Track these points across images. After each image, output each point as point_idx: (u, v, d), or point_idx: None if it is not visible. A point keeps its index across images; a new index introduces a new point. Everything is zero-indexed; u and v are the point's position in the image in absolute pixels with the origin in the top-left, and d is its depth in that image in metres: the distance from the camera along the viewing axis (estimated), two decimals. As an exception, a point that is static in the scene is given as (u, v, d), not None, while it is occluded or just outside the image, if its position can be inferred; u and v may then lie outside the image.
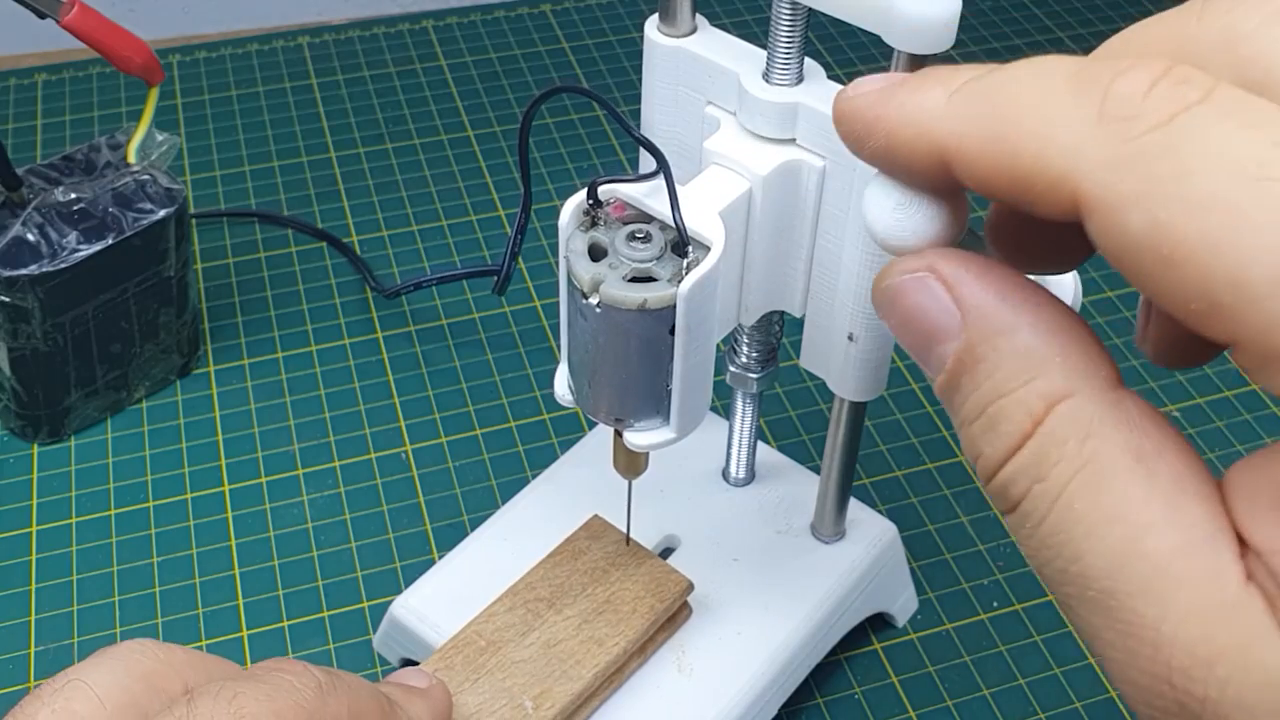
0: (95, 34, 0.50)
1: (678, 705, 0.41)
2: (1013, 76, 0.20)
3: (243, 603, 0.49)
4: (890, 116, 0.22)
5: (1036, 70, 0.20)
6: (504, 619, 0.41)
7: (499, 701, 0.39)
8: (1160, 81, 0.18)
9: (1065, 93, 0.19)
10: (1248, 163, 0.17)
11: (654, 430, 0.36)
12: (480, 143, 0.70)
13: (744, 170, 0.36)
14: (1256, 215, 0.17)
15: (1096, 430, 0.20)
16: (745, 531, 0.46)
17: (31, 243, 0.50)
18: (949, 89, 0.21)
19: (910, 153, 0.22)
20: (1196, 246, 0.17)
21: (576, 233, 0.34)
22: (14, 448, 0.54)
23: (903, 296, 0.22)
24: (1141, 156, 0.18)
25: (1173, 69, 0.18)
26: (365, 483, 0.53)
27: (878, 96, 0.22)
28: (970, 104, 0.21)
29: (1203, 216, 0.17)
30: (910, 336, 0.22)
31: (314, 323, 0.60)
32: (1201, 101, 0.18)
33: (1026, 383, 0.20)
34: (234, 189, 0.67)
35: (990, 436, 0.21)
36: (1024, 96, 0.20)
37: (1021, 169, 0.19)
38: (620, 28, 0.79)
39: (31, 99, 0.72)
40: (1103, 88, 0.19)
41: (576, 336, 0.35)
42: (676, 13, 0.37)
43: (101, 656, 0.29)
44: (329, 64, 0.76)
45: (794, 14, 0.35)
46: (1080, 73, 0.19)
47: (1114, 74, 0.19)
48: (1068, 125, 0.19)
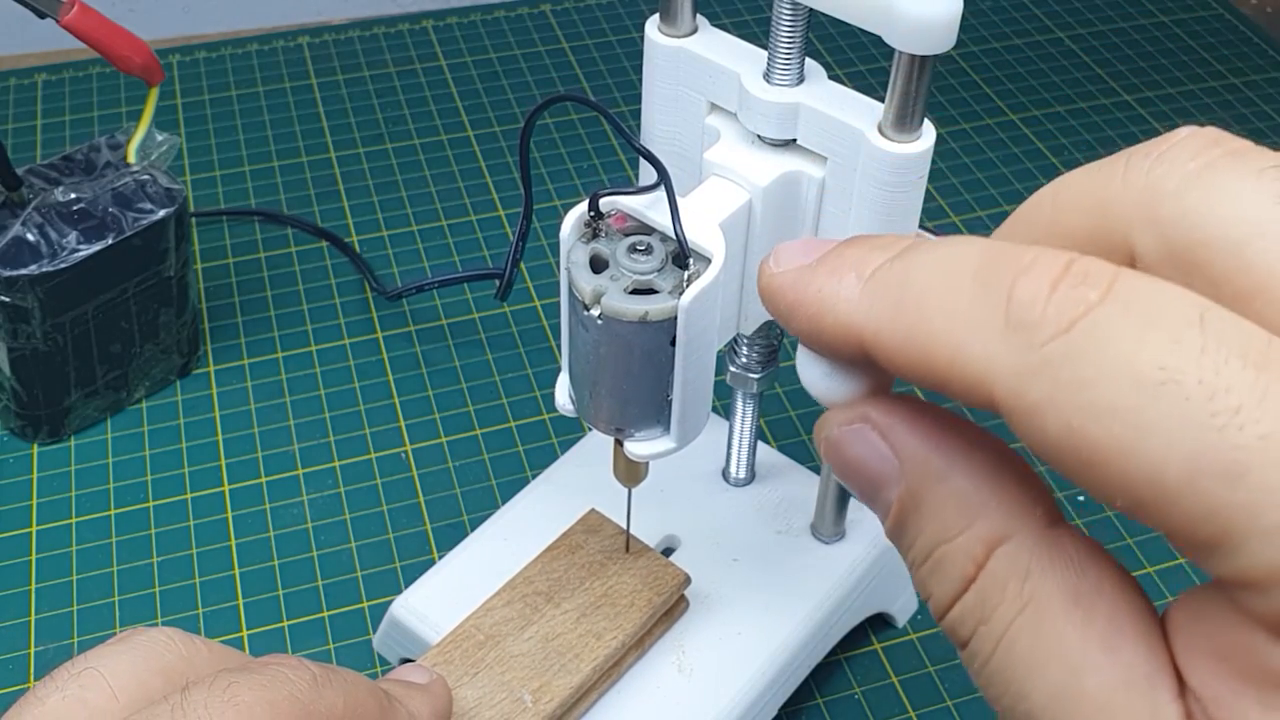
0: (95, 34, 0.50)
1: (678, 705, 0.41)
2: (921, 267, 0.20)
3: (243, 603, 0.49)
4: (809, 302, 0.22)
5: (944, 264, 0.20)
6: (502, 613, 0.41)
7: (498, 695, 0.39)
8: (1061, 282, 0.18)
9: (972, 294, 0.19)
10: (1147, 368, 0.17)
11: (654, 440, 0.36)
12: (480, 143, 0.70)
13: (744, 181, 0.36)
14: (1162, 421, 0.17)
15: (1035, 571, 0.20)
16: (745, 531, 0.46)
17: (31, 243, 0.50)
18: (862, 276, 0.21)
19: (830, 340, 0.22)
20: (1110, 452, 0.17)
21: (578, 244, 0.35)
22: (14, 448, 0.54)
23: (842, 448, 0.23)
24: (1047, 366, 0.18)
25: (1074, 264, 0.18)
26: (365, 483, 0.53)
27: (796, 278, 0.22)
28: (882, 297, 0.21)
29: (1111, 424, 0.17)
30: (854, 484, 0.23)
31: (314, 323, 0.60)
32: (1101, 302, 0.18)
33: (966, 528, 0.21)
34: (234, 189, 0.67)
35: (937, 580, 0.21)
36: (932, 296, 0.20)
37: (937, 370, 0.20)
38: (620, 28, 0.79)
39: (31, 99, 0.72)
40: (1006, 290, 0.18)
41: (578, 347, 0.35)
42: (677, 13, 0.37)
43: (122, 645, 0.28)
44: (329, 64, 0.76)
45: (795, 14, 0.35)
46: (985, 269, 0.19)
47: (1016, 274, 0.19)
48: (977, 331, 0.19)
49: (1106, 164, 0.21)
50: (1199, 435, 0.17)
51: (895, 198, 0.35)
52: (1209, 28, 0.81)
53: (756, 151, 0.37)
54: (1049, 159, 0.70)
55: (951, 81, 0.76)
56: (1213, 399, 0.17)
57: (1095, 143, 0.71)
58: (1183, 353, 0.17)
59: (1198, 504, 0.17)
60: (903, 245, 0.21)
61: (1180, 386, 0.17)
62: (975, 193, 0.68)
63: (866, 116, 0.35)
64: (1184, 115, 0.74)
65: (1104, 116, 0.73)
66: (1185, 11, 0.82)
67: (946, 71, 0.76)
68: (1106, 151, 0.78)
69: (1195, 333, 0.17)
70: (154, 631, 0.29)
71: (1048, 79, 0.76)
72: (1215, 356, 0.17)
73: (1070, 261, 0.18)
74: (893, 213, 0.36)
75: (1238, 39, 0.80)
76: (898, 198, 0.35)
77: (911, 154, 0.34)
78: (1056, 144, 0.71)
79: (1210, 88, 0.76)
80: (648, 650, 0.42)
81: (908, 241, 0.21)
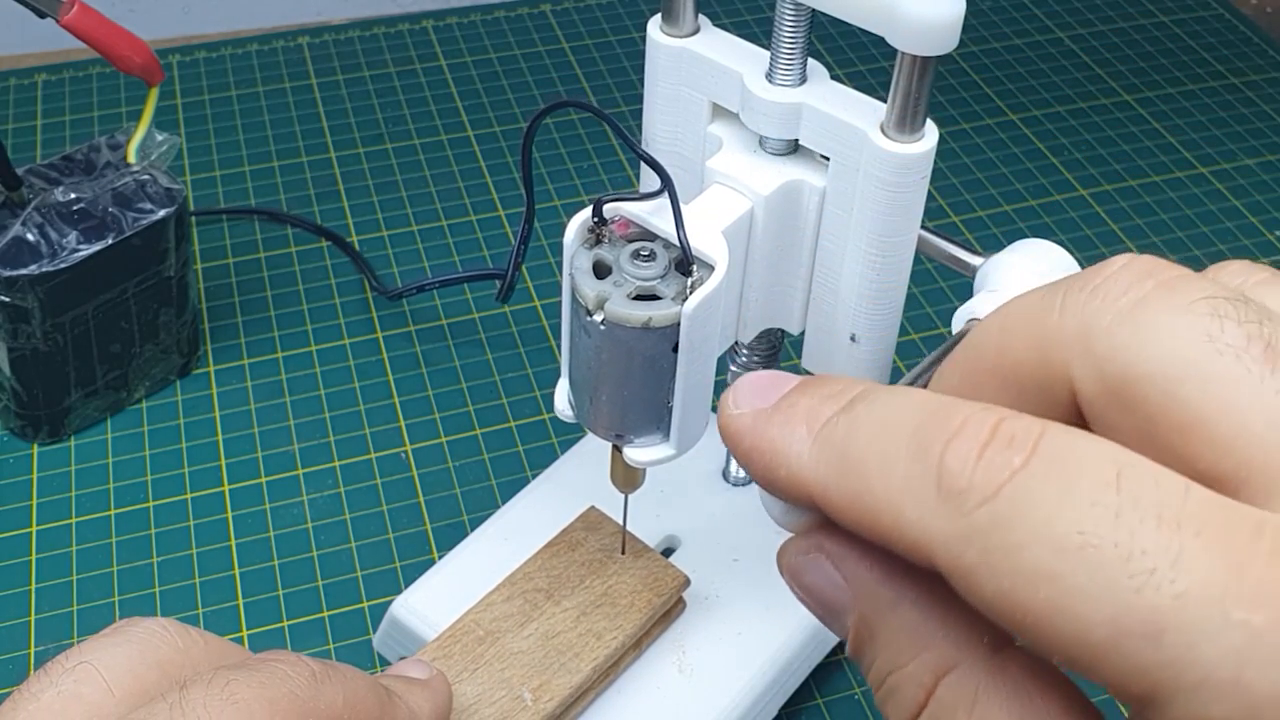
0: (95, 34, 0.50)
1: (678, 705, 0.41)
2: (863, 426, 0.21)
3: (243, 603, 0.49)
4: (764, 451, 0.23)
5: (883, 424, 0.21)
6: (502, 609, 0.41)
7: (498, 692, 0.39)
8: (988, 447, 0.19)
9: (908, 459, 0.20)
10: (1067, 533, 0.18)
11: (654, 446, 0.37)
12: (480, 143, 0.70)
13: (746, 189, 0.37)
14: (1084, 585, 0.18)
15: (982, 697, 0.20)
16: (745, 531, 0.46)
17: (31, 243, 0.50)
18: (812, 430, 0.22)
19: (783, 491, 0.23)
20: (1042, 614, 0.18)
21: (581, 250, 0.35)
22: (14, 448, 0.54)
23: (799, 576, 0.24)
24: (977, 532, 0.18)
25: (1001, 426, 0.19)
26: (365, 483, 0.53)
27: (753, 424, 0.23)
28: (828, 457, 0.21)
29: (1039, 588, 0.18)
30: (814, 609, 0.24)
31: (314, 323, 0.60)
32: (1024, 466, 0.18)
33: (915, 656, 0.21)
34: (234, 189, 0.67)
35: (892, 705, 0.22)
36: (873, 459, 0.20)
37: (880, 532, 0.20)
38: (620, 28, 0.79)
39: (31, 99, 0.72)
40: (938, 456, 0.19)
41: (579, 353, 0.36)
42: (679, 13, 0.37)
43: (117, 637, 0.28)
44: (329, 64, 0.76)
45: (797, 15, 0.35)
46: (919, 432, 0.20)
47: (947, 438, 0.19)
48: (912, 498, 0.19)
49: (1048, 292, 0.21)
50: (1119, 597, 0.17)
51: (897, 198, 0.35)
52: (1209, 28, 0.81)
53: (759, 160, 0.37)
54: (1049, 159, 0.70)
55: (951, 81, 0.76)
56: (1129, 561, 0.17)
57: (1095, 143, 0.71)
58: (1099, 516, 0.18)
59: (1125, 663, 0.17)
60: (851, 394, 0.22)
61: (1098, 550, 0.17)
62: (975, 193, 0.68)
63: (869, 117, 0.35)
64: (1184, 115, 0.74)
65: (1104, 116, 0.73)
66: (1185, 11, 0.82)
67: (946, 71, 0.76)
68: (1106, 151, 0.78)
69: (1112, 494, 0.18)
70: (149, 622, 0.28)
71: (1048, 79, 0.76)
72: (1130, 518, 0.17)
73: (998, 423, 0.19)
74: (895, 213, 0.36)
75: (1238, 39, 0.80)
76: (900, 198, 0.35)
77: (914, 154, 0.34)
78: (1056, 144, 0.71)
79: (1210, 88, 0.76)
80: (646, 650, 0.42)
81: (857, 389, 0.22)
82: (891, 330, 0.39)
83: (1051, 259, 0.37)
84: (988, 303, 0.36)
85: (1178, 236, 0.66)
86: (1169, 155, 0.71)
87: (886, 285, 0.37)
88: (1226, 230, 0.66)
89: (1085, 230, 0.66)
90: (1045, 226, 0.66)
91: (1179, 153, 0.71)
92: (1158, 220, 0.67)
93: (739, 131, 0.38)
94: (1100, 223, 0.67)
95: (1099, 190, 0.69)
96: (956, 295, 0.62)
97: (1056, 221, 0.67)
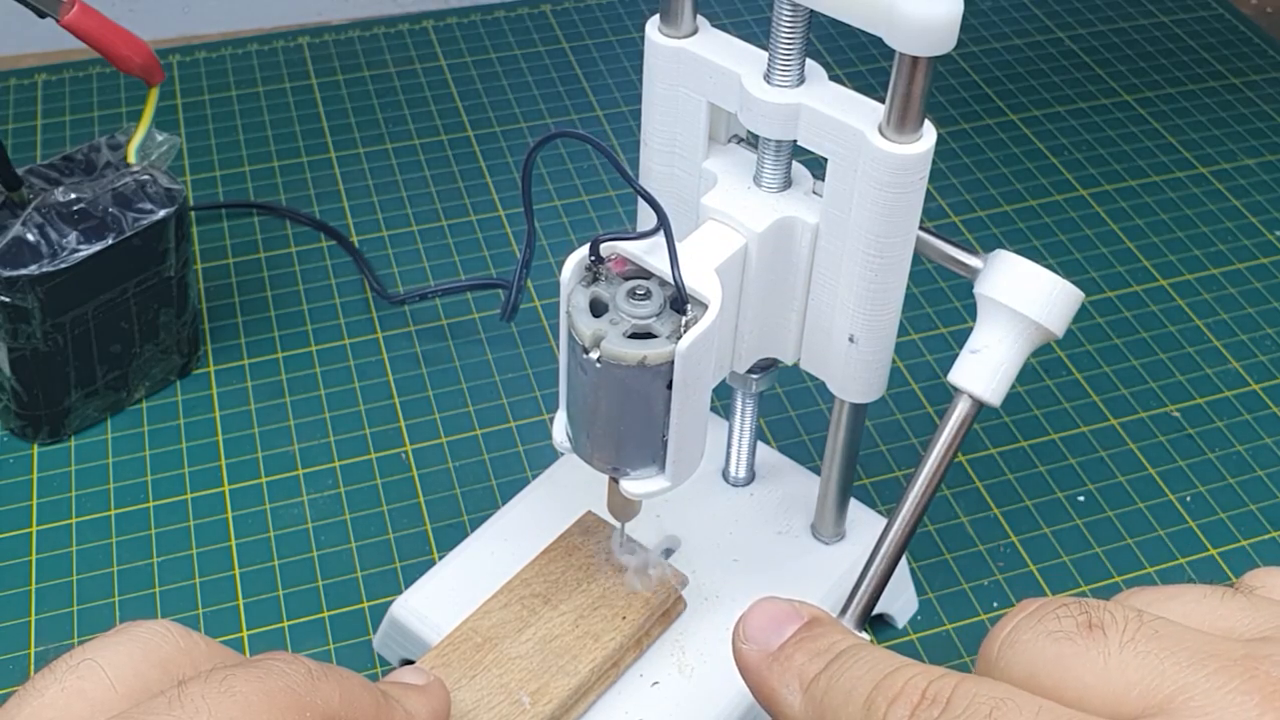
0: (95, 34, 0.50)
1: (678, 705, 0.41)
2: (836, 690, 0.26)
3: (243, 603, 0.49)
4: (766, 695, 0.28)
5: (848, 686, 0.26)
6: (500, 615, 0.41)
7: (496, 697, 0.39)
8: (918, 708, 0.24)
9: (862, 718, 0.25)
10: None
11: (650, 479, 0.37)
12: (480, 143, 0.70)
13: (740, 226, 0.37)
14: None
15: None
16: (745, 531, 0.46)
17: (31, 243, 0.50)
18: (803, 686, 0.27)
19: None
20: None
21: (578, 288, 0.35)
22: (14, 448, 0.54)
23: None
24: None
25: (929, 688, 0.24)
26: (365, 483, 0.53)
27: (759, 665, 0.29)
28: (811, 712, 0.27)
29: None
30: None
31: (314, 323, 0.60)
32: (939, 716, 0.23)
33: None
34: (234, 189, 0.67)
35: None
36: (841, 716, 0.25)
37: None
38: (620, 28, 0.79)
39: (31, 99, 0.72)
40: (881, 716, 0.24)
41: (576, 389, 0.36)
42: (678, 14, 0.37)
43: (120, 636, 0.28)
44: (329, 64, 0.76)
45: (795, 16, 0.35)
46: (871, 696, 0.25)
47: (889, 700, 0.24)
48: None
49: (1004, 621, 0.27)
50: None
51: (896, 198, 0.35)
52: (1209, 28, 0.81)
53: (753, 197, 0.38)
54: (1049, 159, 0.70)
55: (951, 81, 0.76)
56: None
57: (1095, 143, 0.72)
58: None
59: None
60: (831, 655, 0.27)
61: None
62: (975, 193, 0.68)
63: (867, 117, 0.35)
64: (1184, 115, 0.74)
65: (1104, 116, 0.73)
66: (1185, 11, 0.82)
67: (946, 71, 0.76)
68: (1106, 151, 0.77)
69: None
70: (151, 624, 0.29)
71: (1048, 79, 0.76)
72: None
73: (927, 685, 0.24)
74: (893, 214, 0.36)
75: (1238, 39, 0.80)
76: (898, 198, 0.35)
77: (912, 155, 0.34)
78: (1056, 144, 0.71)
79: (1210, 88, 0.76)
80: (647, 650, 0.42)
81: (838, 648, 0.27)
82: (890, 331, 0.39)
83: (1039, 285, 0.38)
84: (973, 368, 0.38)
85: (1178, 236, 0.66)
86: (1169, 155, 0.71)
87: (885, 286, 0.37)
88: (1226, 230, 0.66)
89: (1085, 230, 0.66)
90: (1045, 226, 0.66)
91: (1179, 153, 0.71)
92: (1158, 220, 0.67)
93: (734, 168, 0.39)
94: (1100, 223, 0.67)
95: (1099, 190, 0.69)
96: (956, 295, 0.62)
97: (1056, 221, 0.67)
